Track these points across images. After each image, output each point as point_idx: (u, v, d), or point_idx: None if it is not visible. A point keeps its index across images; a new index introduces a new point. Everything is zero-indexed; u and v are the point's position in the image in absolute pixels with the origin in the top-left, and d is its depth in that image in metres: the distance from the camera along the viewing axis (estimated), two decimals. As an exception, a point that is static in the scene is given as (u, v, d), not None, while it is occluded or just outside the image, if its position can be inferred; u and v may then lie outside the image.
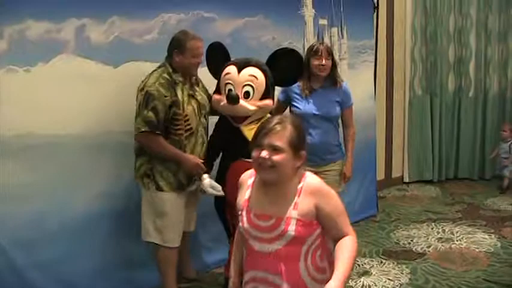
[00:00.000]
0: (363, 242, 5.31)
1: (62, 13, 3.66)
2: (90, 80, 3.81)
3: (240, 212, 2.48)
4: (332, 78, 4.20)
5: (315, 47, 4.13)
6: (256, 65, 3.81)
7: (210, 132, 4.01)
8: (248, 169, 3.69)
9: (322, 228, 2.39)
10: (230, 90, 3.73)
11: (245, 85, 3.75)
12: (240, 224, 2.46)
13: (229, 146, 3.82)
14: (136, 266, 4.09)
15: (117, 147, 3.93)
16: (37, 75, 3.56)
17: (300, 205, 2.34)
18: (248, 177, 2.56)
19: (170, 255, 3.87)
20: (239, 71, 3.76)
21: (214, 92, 3.88)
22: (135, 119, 3.62)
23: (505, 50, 7.79)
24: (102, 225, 3.91)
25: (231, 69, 3.78)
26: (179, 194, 3.80)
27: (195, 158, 3.75)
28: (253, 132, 3.69)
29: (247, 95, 3.73)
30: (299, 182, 2.39)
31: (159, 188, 3.73)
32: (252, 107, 3.73)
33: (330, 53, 4.14)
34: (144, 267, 4.07)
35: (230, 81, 3.75)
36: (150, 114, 3.55)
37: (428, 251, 5.08)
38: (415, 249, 5.15)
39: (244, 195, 2.51)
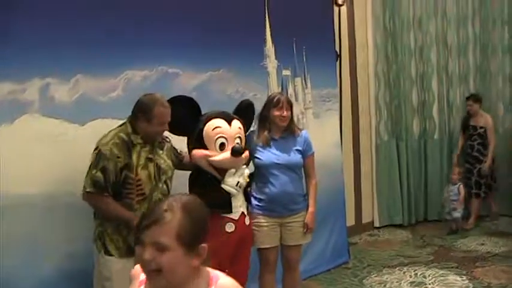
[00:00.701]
0: (336, 290, 5.32)
1: (25, 73, 3.64)
2: (56, 139, 3.77)
3: None
4: (291, 129, 4.24)
5: (276, 98, 4.16)
6: (237, 118, 3.93)
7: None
8: (226, 223, 3.72)
9: None
10: (223, 143, 3.77)
11: (236, 137, 3.84)
12: None
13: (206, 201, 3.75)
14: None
15: (85, 207, 3.87)
16: (2, 136, 3.52)
17: None
18: (141, 271, 1.92)
19: None
20: (229, 124, 3.82)
21: (193, 148, 3.82)
22: (85, 178, 3.49)
23: (467, 92, 8.00)
24: (71, 286, 3.83)
25: (221, 122, 3.80)
26: (129, 259, 3.45)
27: None
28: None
29: None
30: (207, 285, 1.86)
31: (107, 253, 3.54)
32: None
33: (290, 104, 4.19)
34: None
35: (223, 135, 3.78)
36: (99, 174, 3.42)
37: (402, 296, 5.09)
38: (388, 295, 5.15)
39: None
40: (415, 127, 7.92)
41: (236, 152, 3.77)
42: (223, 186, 3.77)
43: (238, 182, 3.82)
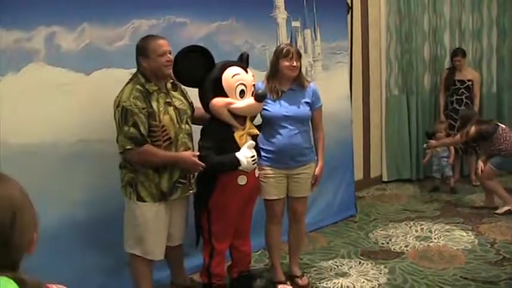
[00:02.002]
0: (342, 243, 5.35)
1: (31, 21, 3.62)
2: (62, 88, 3.76)
3: None
4: (299, 80, 4.18)
5: (286, 48, 4.09)
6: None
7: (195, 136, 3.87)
8: (238, 176, 3.69)
9: None
10: (243, 90, 3.72)
11: (252, 85, 3.82)
12: None
13: (221, 154, 3.74)
14: (112, 273, 4.07)
15: (91, 155, 3.89)
16: (8, 85, 3.51)
17: None
18: None
19: (145, 267, 3.79)
20: (246, 71, 3.80)
21: (211, 98, 3.71)
22: (117, 137, 3.53)
23: (479, 48, 7.93)
24: (75, 234, 3.87)
25: (239, 70, 3.75)
26: (161, 204, 3.68)
27: (189, 157, 3.62)
28: (243, 138, 3.73)
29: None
30: None
31: (140, 199, 3.63)
32: None
33: (299, 55, 4.13)
34: (118, 274, 4.06)
35: (243, 82, 3.73)
36: (132, 130, 3.45)
37: (407, 250, 5.11)
38: (394, 248, 5.18)
39: None
40: (426, 82, 7.84)
41: (261, 98, 3.76)
42: (238, 156, 3.69)
43: (254, 156, 3.77)
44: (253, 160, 3.75)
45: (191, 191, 3.86)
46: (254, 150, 3.79)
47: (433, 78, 7.87)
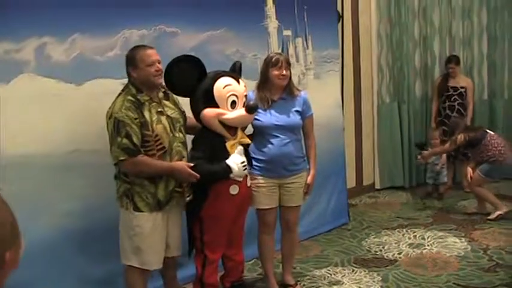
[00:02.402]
0: (335, 251, 5.34)
1: (21, 32, 3.61)
2: (53, 99, 3.76)
3: None
4: (290, 89, 4.18)
5: (275, 57, 4.09)
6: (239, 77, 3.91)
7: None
8: (230, 185, 3.69)
9: None
10: (234, 101, 3.73)
11: (244, 95, 3.83)
12: None
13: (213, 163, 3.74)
14: (105, 283, 4.05)
15: (84, 166, 3.88)
16: (-1, 96, 3.50)
17: None
18: None
19: (140, 278, 3.76)
20: (238, 82, 3.80)
21: (203, 108, 3.73)
22: (110, 148, 3.52)
23: (470, 55, 7.94)
24: (69, 244, 3.86)
25: (231, 80, 3.76)
26: (158, 214, 3.66)
27: (184, 167, 3.60)
28: (235, 147, 3.73)
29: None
30: None
31: (137, 209, 3.61)
32: None
33: (289, 64, 4.13)
34: (112, 285, 4.04)
35: (235, 93, 3.74)
36: (125, 141, 3.44)
37: (400, 258, 5.11)
38: (387, 256, 5.18)
39: None
40: (418, 90, 7.87)
41: (252, 109, 3.77)
42: (228, 162, 3.70)
43: (244, 162, 3.77)
44: (243, 166, 3.76)
45: (187, 199, 3.84)
46: (244, 156, 3.79)
47: (424, 85, 7.90)
